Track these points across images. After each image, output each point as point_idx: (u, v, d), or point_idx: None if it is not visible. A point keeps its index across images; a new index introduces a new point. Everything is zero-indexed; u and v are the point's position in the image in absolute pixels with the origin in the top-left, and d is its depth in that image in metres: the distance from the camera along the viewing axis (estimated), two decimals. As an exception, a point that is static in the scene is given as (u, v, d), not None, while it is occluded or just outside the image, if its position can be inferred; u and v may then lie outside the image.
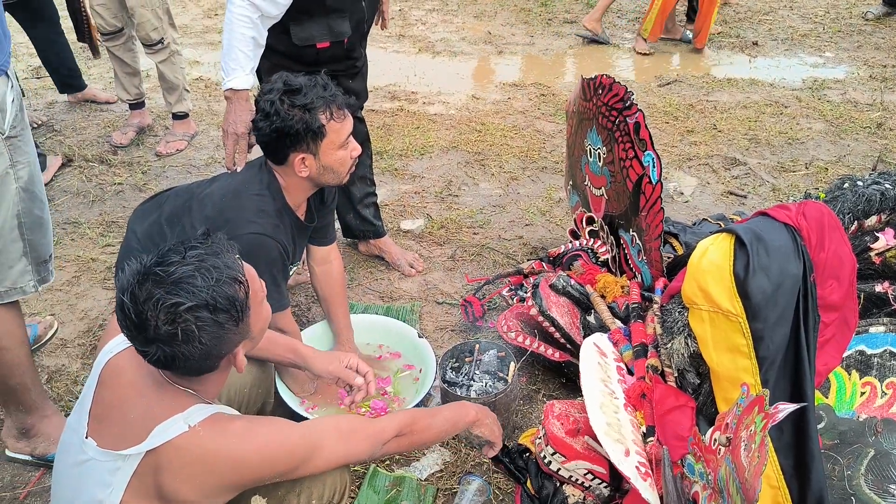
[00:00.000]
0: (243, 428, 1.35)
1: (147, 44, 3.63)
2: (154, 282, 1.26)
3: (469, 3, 6.42)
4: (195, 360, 1.29)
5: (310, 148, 1.97)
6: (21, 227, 1.86)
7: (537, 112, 4.42)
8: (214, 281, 1.27)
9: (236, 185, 2.07)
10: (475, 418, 1.81)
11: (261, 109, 1.96)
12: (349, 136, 2.03)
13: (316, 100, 1.94)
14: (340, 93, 2.01)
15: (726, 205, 3.47)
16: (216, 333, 1.28)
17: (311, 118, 1.93)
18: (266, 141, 2.00)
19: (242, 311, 1.31)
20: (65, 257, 2.98)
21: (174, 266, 1.27)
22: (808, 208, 1.87)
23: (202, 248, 1.31)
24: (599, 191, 2.59)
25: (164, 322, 1.24)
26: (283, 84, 1.96)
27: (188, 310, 1.24)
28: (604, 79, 2.46)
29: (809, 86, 4.83)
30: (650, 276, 2.31)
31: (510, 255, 3.03)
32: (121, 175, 3.60)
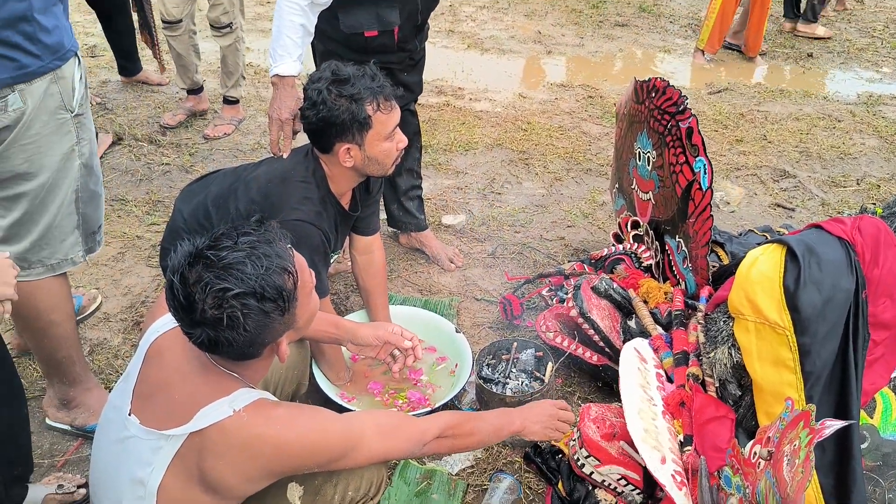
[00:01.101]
0: (288, 415, 1.36)
1: (216, 26, 3.67)
2: (205, 265, 1.26)
3: (520, 1, 6.39)
4: (239, 346, 1.30)
5: (355, 138, 1.97)
6: (78, 201, 1.90)
7: (584, 114, 4.39)
8: (264, 269, 1.27)
9: (282, 170, 2.08)
10: (520, 428, 1.77)
11: (308, 98, 1.97)
12: (396, 127, 2.03)
13: (363, 90, 1.94)
14: (389, 84, 2.01)
15: (773, 217, 3.41)
16: (262, 322, 1.28)
17: (358, 109, 1.93)
18: (312, 129, 2.00)
19: (289, 302, 1.31)
20: (111, 233, 3.03)
21: (226, 251, 1.27)
22: (864, 223, 1.83)
23: (255, 235, 1.32)
24: (647, 195, 2.55)
25: (211, 306, 1.25)
26: (331, 73, 1.96)
27: (235, 296, 1.25)
28: (658, 82, 2.43)
29: (864, 101, 4.72)
30: (695, 284, 2.28)
31: (551, 256, 3.01)
32: (168, 156, 3.65)
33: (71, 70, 1.79)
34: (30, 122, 1.72)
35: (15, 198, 1.78)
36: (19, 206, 1.79)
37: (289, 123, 2.14)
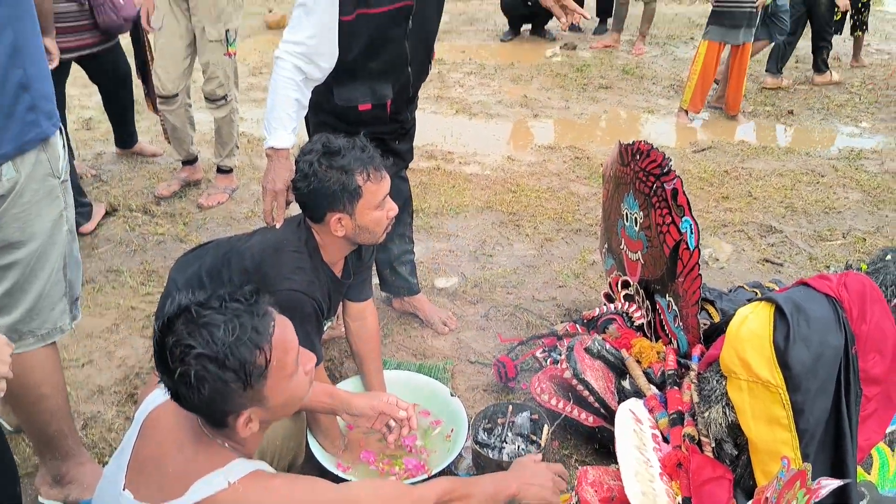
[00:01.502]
0: (285, 486, 1.35)
1: (212, 98, 3.76)
2: (186, 318, 1.29)
3: (506, 67, 6.55)
4: (196, 408, 1.30)
5: (346, 208, 2.01)
6: (65, 267, 1.90)
7: (572, 175, 4.46)
8: (234, 338, 1.27)
9: (275, 240, 2.11)
10: (516, 491, 1.75)
11: (300, 170, 2.02)
12: (386, 196, 2.07)
13: (353, 161, 1.99)
14: (379, 154, 2.06)
15: (762, 272, 3.45)
16: (218, 389, 1.28)
17: (349, 179, 1.98)
18: (304, 200, 2.05)
19: (252, 377, 1.30)
20: (105, 304, 3.04)
21: (210, 311, 1.29)
22: (850, 279, 1.86)
23: (243, 305, 1.33)
24: (636, 255, 2.59)
25: (176, 360, 1.26)
26: (322, 146, 2.01)
27: (197, 357, 1.26)
28: (641, 145, 2.49)
29: (846, 155, 4.83)
30: (686, 343, 2.29)
31: (543, 317, 3.03)
32: (163, 226, 3.69)
33: (56, 137, 1.82)
34: (22, 191, 1.73)
35: (6, 267, 1.78)
36: (10, 276, 1.78)
37: (282, 194, 2.18)
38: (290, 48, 2.20)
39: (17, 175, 1.70)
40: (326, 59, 2.26)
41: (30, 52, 1.67)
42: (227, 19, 3.61)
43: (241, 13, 3.76)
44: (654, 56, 7.06)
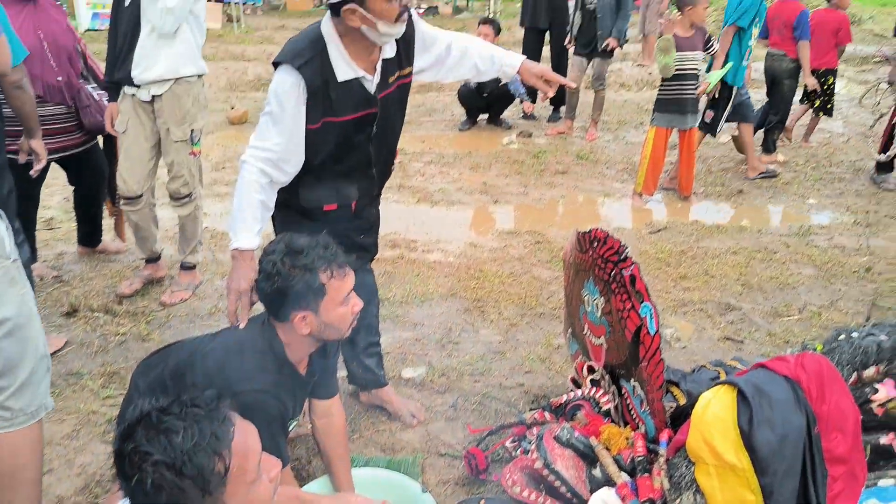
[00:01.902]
0: None
1: (176, 196, 3.79)
2: (146, 423, 1.28)
3: (465, 155, 6.72)
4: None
5: (311, 306, 2.03)
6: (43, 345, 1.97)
7: (533, 259, 4.54)
8: (192, 445, 1.27)
9: (239, 341, 2.11)
10: None
11: (263, 270, 2.04)
12: (350, 292, 2.10)
13: (317, 259, 2.02)
14: (341, 251, 2.09)
15: (723, 350, 3.51)
16: (175, 497, 1.26)
17: (312, 278, 2.00)
18: (268, 300, 2.06)
19: (210, 484, 1.29)
20: (65, 410, 2.96)
21: (169, 417, 1.29)
22: (807, 360, 1.91)
23: (203, 410, 1.33)
24: (599, 340, 2.63)
25: (135, 466, 1.25)
26: (285, 245, 2.05)
27: (154, 464, 1.25)
28: (598, 232, 2.56)
29: (796, 232, 5.00)
30: (654, 427, 2.31)
31: (512, 404, 3.03)
32: (125, 325, 3.64)
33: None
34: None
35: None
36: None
37: (246, 294, 2.19)
38: (257, 153, 2.25)
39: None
40: (292, 165, 2.32)
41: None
42: (192, 120, 3.68)
43: (206, 113, 3.83)
44: (607, 141, 7.31)
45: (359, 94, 2.36)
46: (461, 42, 2.60)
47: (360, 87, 2.35)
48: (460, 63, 2.60)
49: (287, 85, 2.25)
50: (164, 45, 3.51)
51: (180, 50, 3.55)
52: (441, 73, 2.63)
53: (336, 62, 2.29)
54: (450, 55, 2.58)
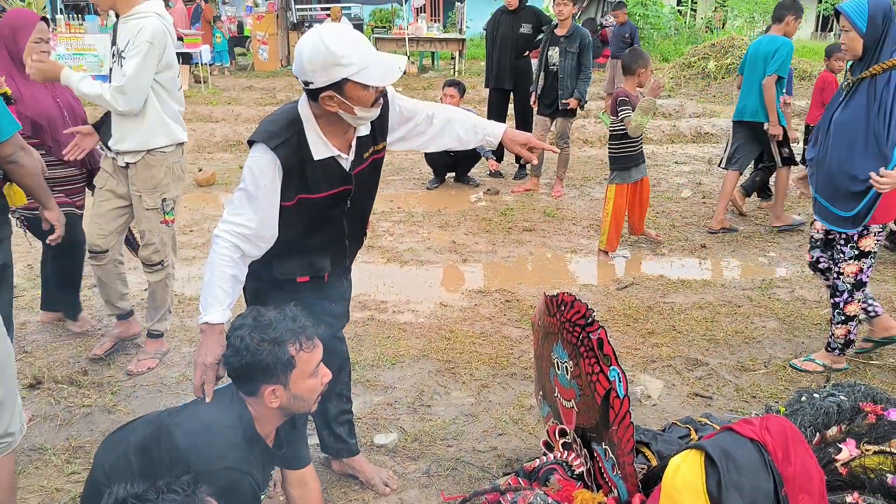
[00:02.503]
0: None
1: (147, 263, 3.80)
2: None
3: (433, 214, 6.79)
4: None
5: (280, 379, 2.04)
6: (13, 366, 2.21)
7: (504, 318, 4.57)
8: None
9: (207, 416, 2.10)
10: None
11: (231, 345, 2.05)
12: (319, 363, 2.11)
13: (285, 333, 2.04)
14: (310, 323, 2.11)
15: (693, 406, 3.54)
16: None
17: (281, 351, 2.02)
18: (237, 374, 2.07)
19: None
20: (28, 488, 2.88)
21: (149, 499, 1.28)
22: (771, 423, 1.95)
23: (180, 496, 1.33)
24: (570, 403, 2.65)
25: None
26: (252, 319, 2.06)
27: None
28: (565, 296, 2.60)
29: (758, 285, 5.11)
30: (626, 491, 2.32)
31: (486, 469, 3.02)
32: (90, 396, 3.58)
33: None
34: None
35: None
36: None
37: (212, 368, 2.19)
38: (230, 228, 2.28)
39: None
40: (266, 241, 2.35)
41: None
42: (164, 190, 3.69)
43: (181, 184, 3.84)
44: (573, 197, 7.44)
45: (334, 171, 2.40)
46: (443, 112, 2.65)
47: (335, 165, 2.40)
48: (442, 132, 2.65)
49: (262, 164, 2.29)
50: (134, 119, 3.55)
51: (150, 123, 3.58)
52: (422, 142, 2.67)
53: (312, 142, 2.34)
54: (431, 125, 2.63)
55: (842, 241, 3.67)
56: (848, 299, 3.72)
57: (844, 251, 3.67)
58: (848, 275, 3.68)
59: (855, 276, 3.67)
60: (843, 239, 3.66)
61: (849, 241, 3.63)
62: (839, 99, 3.69)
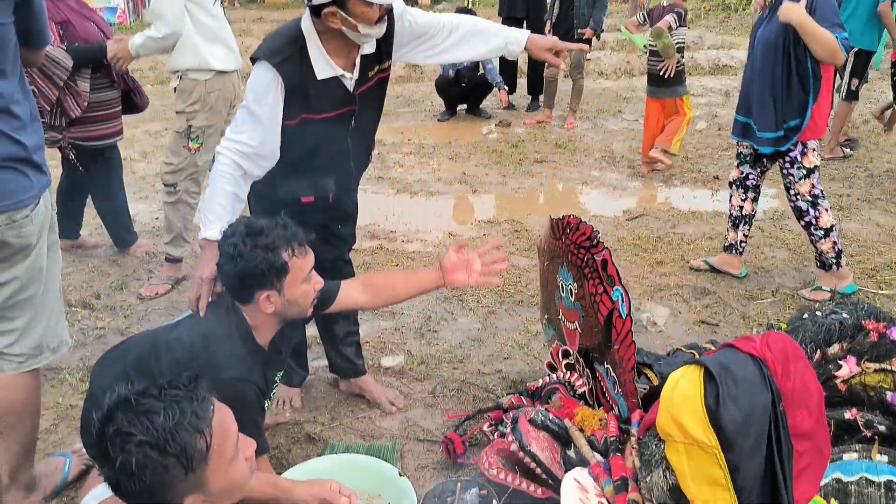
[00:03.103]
0: None
1: (163, 184, 3.88)
2: (125, 407, 1.30)
3: (444, 146, 6.74)
4: (140, 497, 1.29)
5: (274, 285, 2.06)
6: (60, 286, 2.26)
7: (512, 247, 4.57)
8: (174, 423, 1.30)
9: (205, 328, 2.12)
10: None
11: (224, 253, 2.06)
12: (311, 269, 2.13)
13: (277, 239, 2.04)
14: (301, 230, 2.12)
15: (699, 334, 3.56)
16: (160, 476, 1.29)
17: (274, 257, 2.03)
18: (231, 282, 2.08)
19: (194, 462, 1.31)
20: (45, 404, 2.94)
21: (149, 399, 1.31)
22: (772, 339, 1.96)
23: (182, 391, 1.35)
24: (573, 325, 2.67)
25: (116, 450, 1.27)
26: (244, 227, 2.07)
27: (138, 444, 1.27)
28: (571, 219, 2.60)
29: (770, 216, 5.06)
30: (626, 409, 2.36)
31: (490, 390, 3.06)
32: (103, 319, 3.64)
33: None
34: (45, 224, 2.11)
35: (34, 294, 2.12)
36: (36, 301, 2.13)
37: (209, 283, 2.21)
38: (232, 146, 2.27)
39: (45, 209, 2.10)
40: (268, 160, 2.34)
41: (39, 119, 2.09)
42: (191, 117, 3.72)
43: (217, 116, 3.81)
44: (586, 129, 7.35)
45: (337, 92, 2.37)
46: (464, 25, 2.51)
47: (338, 86, 2.36)
48: (460, 45, 2.52)
49: (265, 81, 2.26)
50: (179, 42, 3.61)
51: (180, 45, 3.62)
52: (438, 56, 2.55)
53: (315, 60, 2.30)
54: (449, 38, 2.51)
55: (787, 164, 3.78)
56: (816, 214, 3.79)
57: (794, 173, 3.77)
58: (804, 194, 3.77)
59: (810, 192, 3.76)
60: (788, 162, 3.77)
61: (794, 162, 3.74)
62: (763, 16, 3.74)
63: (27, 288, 2.10)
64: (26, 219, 2.02)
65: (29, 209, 2.02)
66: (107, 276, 4.13)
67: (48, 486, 2.44)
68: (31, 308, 2.14)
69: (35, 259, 2.10)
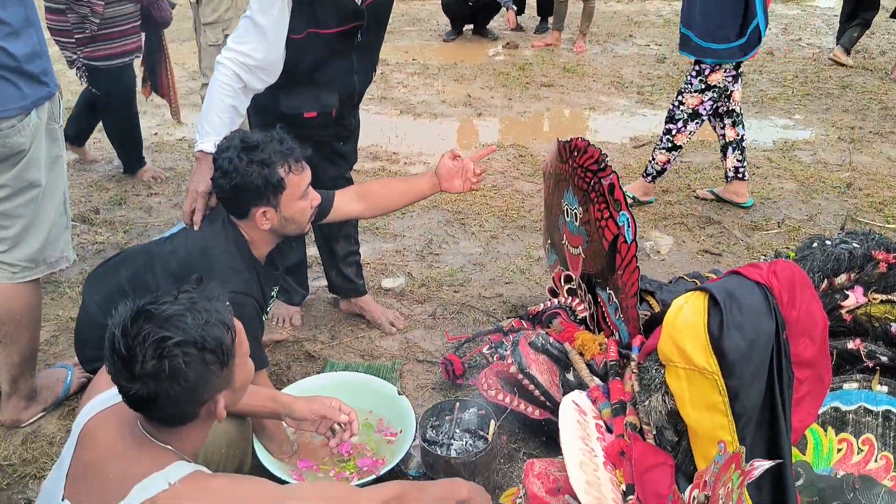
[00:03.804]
0: (226, 486, 1.35)
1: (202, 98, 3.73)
2: (146, 317, 1.29)
3: (449, 67, 6.58)
4: (177, 402, 1.30)
5: (270, 201, 2.02)
6: (66, 202, 2.24)
7: (516, 172, 4.51)
8: (204, 321, 1.30)
9: (202, 242, 2.09)
10: (467, 497, 1.75)
11: (219, 167, 2.00)
12: (308, 186, 2.09)
13: (273, 154, 1.99)
14: (297, 145, 2.06)
15: (702, 263, 3.53)
16: (201, 373, 1.29)
17: (270, 172, 1.98)
18: (227, 197, 2.04)
19: (228, 356, 1.33)
20: (44, 316, 2.94)
21: (166, 305, 1.31)
22: (779, 267, 1.92)
23: (194, 293, 1.35)
24: (577, 250, 2.63)
25: (152, 356, 1.26)
26: (239, 141, 2.01)
27: (176, 344, 1.27)
28: (579, 141, 2.53)
29: (780, 147, 4.98)
30: (627, 334, 2.34)
31: (490, 313, 3.05)
32: (102, 234, 3.61)
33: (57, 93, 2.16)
34: (40, 136, 2.06)
35: (26, 204, 2.10)
36: (29, 212, 2.11)
37: (203, 196, 2.16)
38: (234, 56, 2.19)
39: (39, 121, 2.05)
40: (270, 74, 2.26)
41: (38, 25, 2.02)
42: (226, 25, 3.59)
43: None
44: (595, 54, 7.17)
45: (346, 5, 2.28)
46: None
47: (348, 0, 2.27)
48: None
49: None
50: None
51: None
52: None
53: None
54: None
55: (693, 71, 3.76)
56: (681, 128, 3.83)
57: (693, 83, 3.76)
58: (688, 105, 3.79)
59: (693, 108, 3.78)
60: (695, 70, 3.75)
61: (700, 73, 3.72)
62: None
63: (15, 197, 2.07)
64: (12, 129, 1.96)
65: (15, 120, 1.96)
66: (106, 191, 4.08)
67: (49, 398, 2.46)
68: (22, 218, 2.11)
69: (24, 170, 2.05)
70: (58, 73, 2.37)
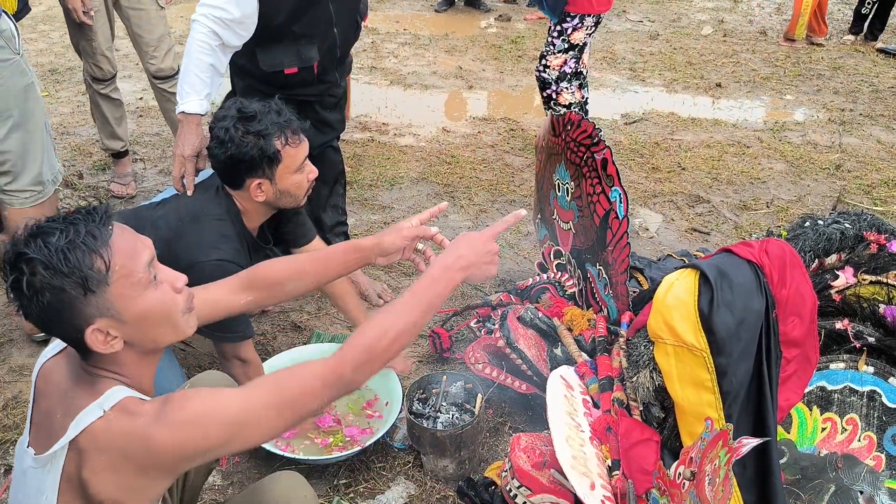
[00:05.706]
0: (156, 408, 1.27)
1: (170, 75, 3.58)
2: (30, 233, 1.25)
3: (441, 38, 6.50)
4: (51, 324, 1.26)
5: (266, 173, 1.98)
6: (46, 124, 2.40)
7: (506, 146, 4.48)
8: (67, 242, 1.23)
9: (194, 208, 2.05)
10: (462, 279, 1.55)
11: (215, 136, 1.96)
12: (305, 159, 2.05)
13: (270, 126, 1.95)
14: (295, 117, 2.02)
15: (690, 241, 3.53)
16: (57, 296, 1.23)
17: (266, 144, 1.94)
18: (222, 167, 2.00)
19: (88, 282, 1.24)
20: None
21: (50, 222, 1.26)
22: (771, 246, 1.92)
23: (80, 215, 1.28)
24: (567, 225, 2.62)
25: (15, 270, 1.23)
26: (236, 111, 1.97)
27: (27, 261, 1.22)
28: (573, 115, 2.50)
29: (771, 127, 4.97)
30: (616, 310, 2.34)
31: (478, 287, 3.04)
32: (86, 199, 3.56)
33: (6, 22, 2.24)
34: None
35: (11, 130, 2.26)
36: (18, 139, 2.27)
37: (191, 161, 2.13)
38: (208, 12, 2.13)
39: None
40: (246, 28, 2.21)
41: None
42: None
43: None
44: (588, 28, 7.09)
45: None
46: None
47: None
48: None
49: None
50: None
51: None
52: None
53: None
54: None
55: (555, 33, 3.82)
56: (558, 90, 3.90)
57: (555, 44, 3.83)
58: (554, 67, 3.87)
59: (559, 69, 3.86)
60: (556, 31, 3.81)
61: (562, 34, 3.79)
62: None
63: None
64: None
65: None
66: (89, 156, 4.02)
67: None
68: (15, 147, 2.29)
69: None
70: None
